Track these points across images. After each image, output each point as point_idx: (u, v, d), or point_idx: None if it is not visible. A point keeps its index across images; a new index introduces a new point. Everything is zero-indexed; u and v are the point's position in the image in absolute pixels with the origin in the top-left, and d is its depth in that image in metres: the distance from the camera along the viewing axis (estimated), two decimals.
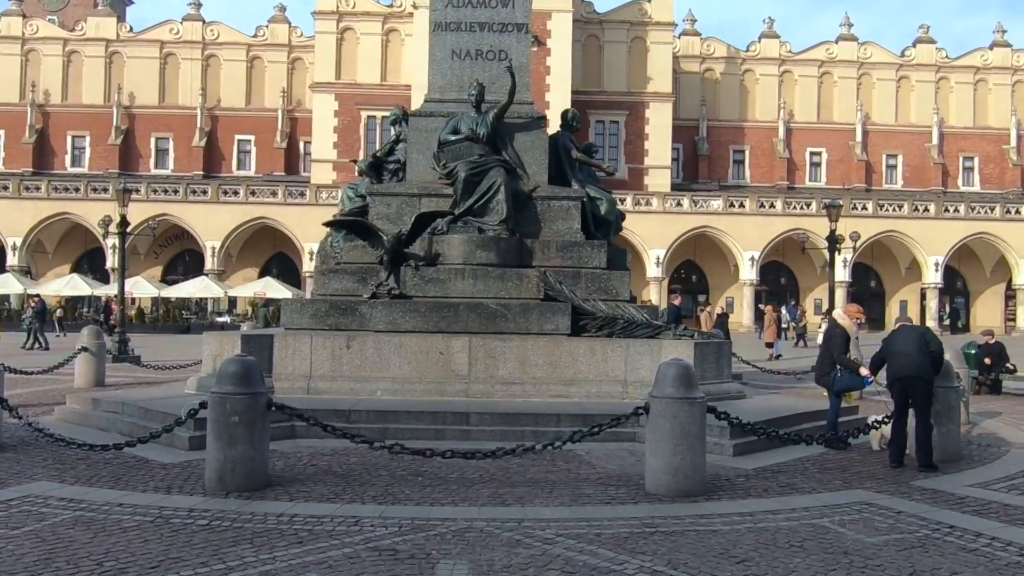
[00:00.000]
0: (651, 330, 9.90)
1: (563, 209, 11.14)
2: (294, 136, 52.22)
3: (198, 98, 51.07)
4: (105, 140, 50.67)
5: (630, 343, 9.68)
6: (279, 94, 51.51)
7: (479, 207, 10.67)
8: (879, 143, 53.59)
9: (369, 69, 49.57)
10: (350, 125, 49.26)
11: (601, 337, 9.89)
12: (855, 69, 53.58)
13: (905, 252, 47.96)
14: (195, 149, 50.88)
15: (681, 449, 6.09)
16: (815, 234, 46.61)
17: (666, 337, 9.83)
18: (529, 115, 11.55)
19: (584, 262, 10.74)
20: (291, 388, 9.36)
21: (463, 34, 11.64)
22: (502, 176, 10.67)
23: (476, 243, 10.40)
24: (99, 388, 13.05)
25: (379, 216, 10.95)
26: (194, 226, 44.70)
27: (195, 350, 13.03)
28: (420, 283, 10.23)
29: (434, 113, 11.46)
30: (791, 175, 53.32)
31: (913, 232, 46.66)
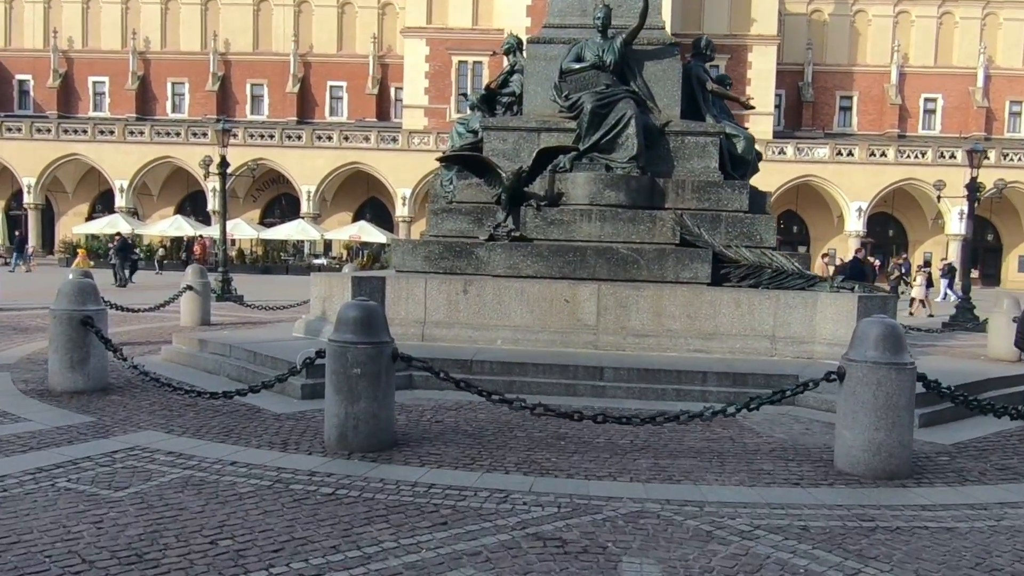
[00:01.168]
0: (804, 281, 8.76)
1: (699, 146, 9.99)
2: (385, 82, 51.67)
3: (291, 45, 50.92)
4: (203, 87, 51.21)
5: (780, 295, 8.57)
6: (370, 40, 50.90)
7: (606, 142, 9.64)
8: (1003, 88, 49.66)
9: (460, 13, 48.35)
10: (441, 70, 48.34)
11: (745, 288, 8.81)
12: (980, 9, 49.51)
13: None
14: (288, 95, 50.92)
15: (885, 424, 5.04)
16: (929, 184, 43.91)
17: (822, 289, 8.68)
18: (661, 41, 10.37)
19: (724, 204, 9.62)
20: (405, 334, 8.64)
21: None
22: (632, 108, 9.59)
23: (604, 182, 9.40)
24: (205, 327, 12.75)
25: (494, 152, 10.04)
26: (290, 170, 44.93)
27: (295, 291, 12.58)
28: (542, 225, 9.31)
29: (554, 40, 10.41)
30: (902, 123, 50.06)
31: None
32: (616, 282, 8.80)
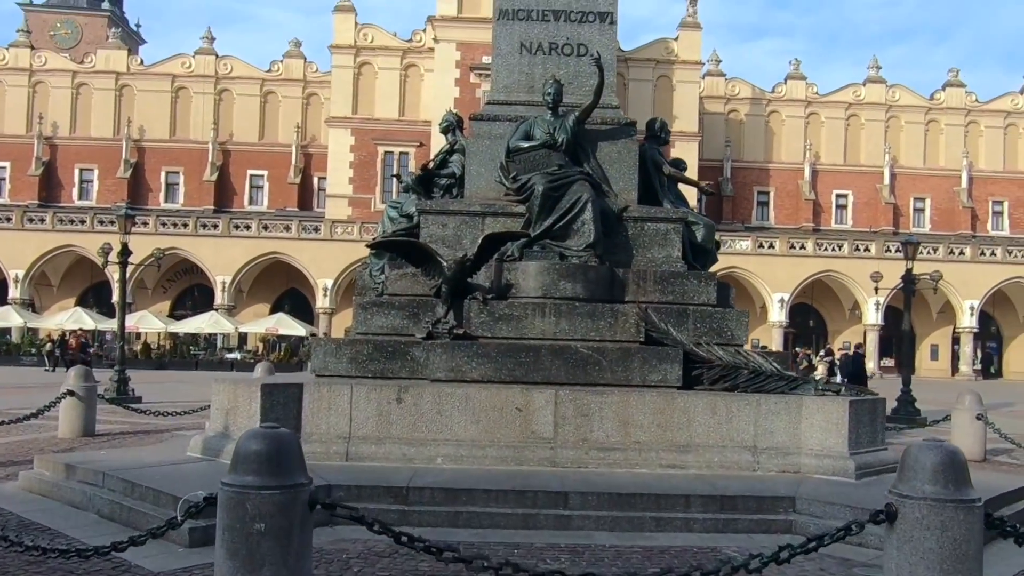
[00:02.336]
0: (785, 383, 7.79)
1: (660, 233, 9.10)
2: (308, 171, 50.66)
3: (210, 132, 49.65)
4: (114, 173, 49.17)
5: (760, 399, 7.56)
6: (293, 129, 50.09)
7: (560, 229, 8.64)
8: (907, 186, 51.99)
9: (387, 104, 48.16)
10: (367, 160, 47.68)
11: (721, 391, 7.77)
12: (883, 112, 52.22)
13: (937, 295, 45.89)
14: (206, 184, 49.30)
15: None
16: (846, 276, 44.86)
17: (806, 392, 7.71)
18: (615, 121, 9.58)
19: (690, 297, 8.67)
20: (325, 453, 7.25)
21: (534, 24, 9.74)
22: (588, 191, 8.66)
23: (558, 272, 8.35)
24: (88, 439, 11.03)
25: (432, 239, 8.92)
26: (204, 260, 42.89)
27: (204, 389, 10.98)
28: (489, 321, 8.15)
29: (499, 117, 9.51)
30: (816, 217, 51.66)
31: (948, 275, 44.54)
32: (576, 386, 7.65)
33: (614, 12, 9.79)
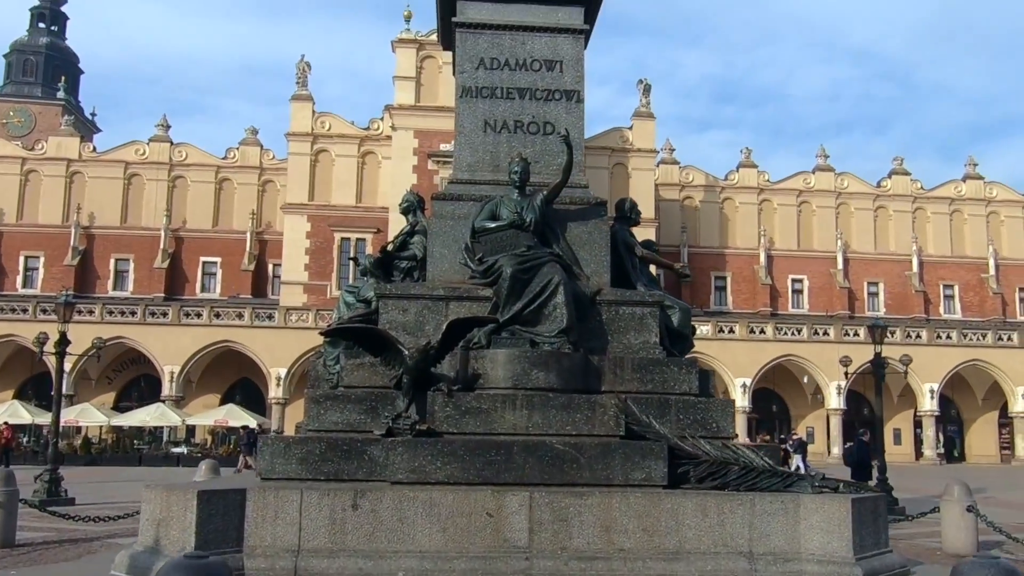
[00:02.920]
0: (779, 479, 7.15)
1: (635, 318, 8.54)
2: (263, 258, 49.91)
3: (162, 219, 48.86)
4: (61, 261, 47.83)
5: (754, 499, 6.90)
6: (248, 216, 49.52)
7: (530, 313, 8.04)
8: (860, 271, 52.95)
9: (344, 191, 48.00)
10: (323, 247, 47.12)
11: (710, 490, 7.10)
12: (833, 198, 53.58)
13: (897, 379, 46.13)
14: (157, 271, 48.17)
15: None
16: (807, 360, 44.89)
17: (802, 489, 7.08)
18: (585, 200, 9.13)
19: (671, 386, 8.06)
20: (271, 569, 6.38)
21: (499, 102, 9.36)
22: (559, 274, 8.12)
23: (530, 360, 7.70)
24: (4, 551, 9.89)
25: (392, 325, 8.25)
26: (152, 350, 41.35)
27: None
28: (455, 415, 7.43)
29: (463, 196, 9.01)
30: (773, 302, 52.15)
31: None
32: (552, 487, 6.92)
33: (581, 90, 9.48)
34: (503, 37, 9.53)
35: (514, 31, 9.54)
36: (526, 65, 9.47)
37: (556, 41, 9.58)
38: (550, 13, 9.61)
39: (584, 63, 9.65)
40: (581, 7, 9.68)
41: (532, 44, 9.54)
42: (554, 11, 9.61)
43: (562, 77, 9.43)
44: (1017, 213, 53.50)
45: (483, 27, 9.53)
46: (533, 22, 9.56)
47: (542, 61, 9.51)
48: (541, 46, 9.55)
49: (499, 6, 9.58)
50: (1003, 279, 52.34)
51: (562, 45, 9.58)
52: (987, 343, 44.76)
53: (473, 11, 9.59)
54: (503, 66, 9.46)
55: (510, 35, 9.54)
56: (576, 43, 9.63)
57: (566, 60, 9.54)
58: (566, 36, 9.60)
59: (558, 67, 9.50)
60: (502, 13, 9.57)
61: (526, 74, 9.46)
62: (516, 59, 9.48)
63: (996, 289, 51.88)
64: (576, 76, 9.48)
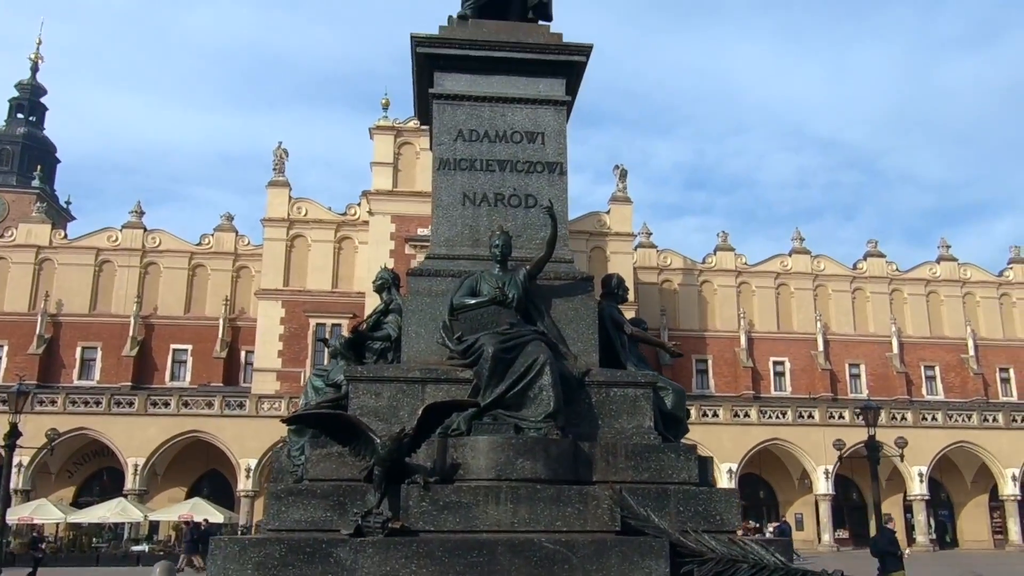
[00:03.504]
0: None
1: (628, 400, 7.92)
2: (235, 345, 48.83)
3: (133, 306, 47.82)
4: (25, 349, 46.37)
5: None
6: (221, 302, 48.67)
7: (514, 396, 7.40)
8: (841, 352, 52.78)
9: (319, 276, 47.44)
10: (297, 333, 46.23)
11: None
12: (810, 281, 53.76)
13: (885, 462, 45.28)
14: (125, 359, 46.84)
15: None
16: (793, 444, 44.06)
17: None
18: (570, 276, 8.62)
19: (668, 475, 7.39)
20: None
21: (478, 174, 8.95)
22: (545, 353, 7.52)
23: (514, 448, 7.02)
24: None
25: (364, 411, 7.57)
26: (115, 441, 39.72)
27: None
28: (431, 510, 6.69)
29: (441, 272, 8.47)
30: (756, 384, 51.66)
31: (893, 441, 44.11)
32: None
33: (564, 162, 9.10)
34: (482, 109, 9.20)
35: (494, 103, 9.22)
36: (506, 137, 9.11)
37: (537, 113, 9.26)
38: (530, 85, 9.32)
39: (566, 135, 9.32)
40: (562, 79, 9.41)
41: (512, 116, 9.21)
42: (535, 82, 9.33)
43: (544, 149, 9.07)
44: (991, 294, 53.89)
45: (461, 98, 9.20)
46: (513, 94, 9.26)
47: (523, 133, 9.16)
48: (522, 118, 9.22)
49: (478, 78, 9.28)
50: (983, 359, 52.32)
51: (543, 116, 9.26)
52: (973, 424, 44.25)
53: (451, 83, 9.28)
54: (482, 138, 9.09)
55: (490, 107, 9.21)
56: (558, 114, 9.31)
57: (548, 132, 9.20)
58: (547, 107, 9.30)
59: (540, 139, 9.15)
60: (481, 85, 9.27)
61: (506, 146, 9.09)
62: (496, 131, 9.13)
63: (977, 370, 51.78)
64: (558, 148, 9.12)
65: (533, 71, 9.30)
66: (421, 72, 9.38)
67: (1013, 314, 53.72)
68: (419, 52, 9.14)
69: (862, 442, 38.77)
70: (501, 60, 9.22)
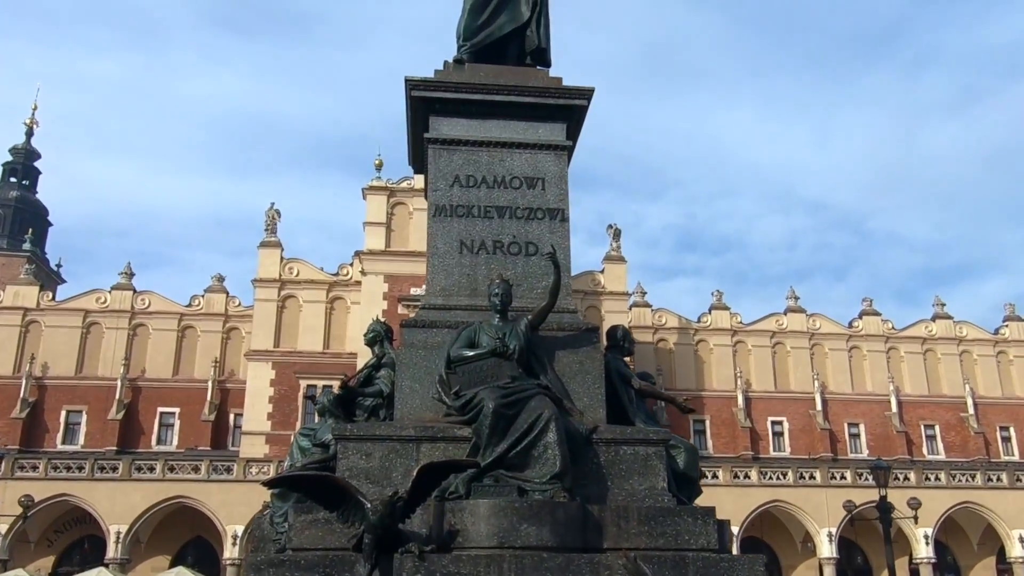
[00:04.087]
0: None
1: (639, 459, 7.37)
2: (224, 408, 47.85)
3: (120, 368, 46.94)
4: (8, 414, 45.28)
5: None
6: (211, 364, 47.85)
7: (516, 456, 6.85)
8: (839, 411, 52.07)
9: (311, 337, 46.79)
10: (287, 395, 45.35)
11: None
12: (807, 339, 53.34)
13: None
14: (111, 423, 45.73)
15: None
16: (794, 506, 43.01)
17: None
18: (575, 327, 8.15)
19: (685, 541, 6.79)
20: None
21: (476, 221, 8.54)
22: (550, 408, 7.00)
23: (519, 512, 6.43)
24: None
25: (353, 473, 7.00)
26: (98, 507, 38.40)
27: None
28: None
29: (436, 323, 7.99)
30: (754, 445, 50.75)
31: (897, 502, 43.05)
32: None
33: (565, 209, 8.71)
34: (480, 154, 8.85)
35: (492, 147, 8.88)
36: (505, 183, 8.74)
37: (537, 158, 8.91)
38: (530, 130, 8.99)
39: (567, 181, 8.95)
40: (563, 123, 9.09)
41: (511, 161, 8.85)
42: (534, 127, 9.00)
43: (544, 195, 8.69)
44: (988, 352, 53.49)
45: (458, 143, 8.86)
46: (512, 138, 8.92)
47: (522, 178, 8.80)
48: (521, 163, 8.86)
49: (475, 122, 8.95)
50: (983, 418, 51.62)
51: (543, 162, 8.91)
52: (977, 484, 43.33)
53: (447, 127, 8.94)
54: (480, 183, 8.71)
55: (487, 152, 8.86)
56: (559, 160, 8.96)
57: (548, 177, 8.84)
58: (547, 153, 8.95)
59: (540, 184, 8.77)
60: (478, 130, 8.93)
61: (505, 192, 8.70)
62: (494, 176, 8.76)
63: (977, 428, 51.03)
64: (559, 194, 8.74)
65: (532, 115, 8.99)
66: (416, 116, 9.05)
67: (1011, 372, 53.24)
68: (414, 95, 8.82)
69: (870, 503, 38.02)
70: (499, 104, 8.91)
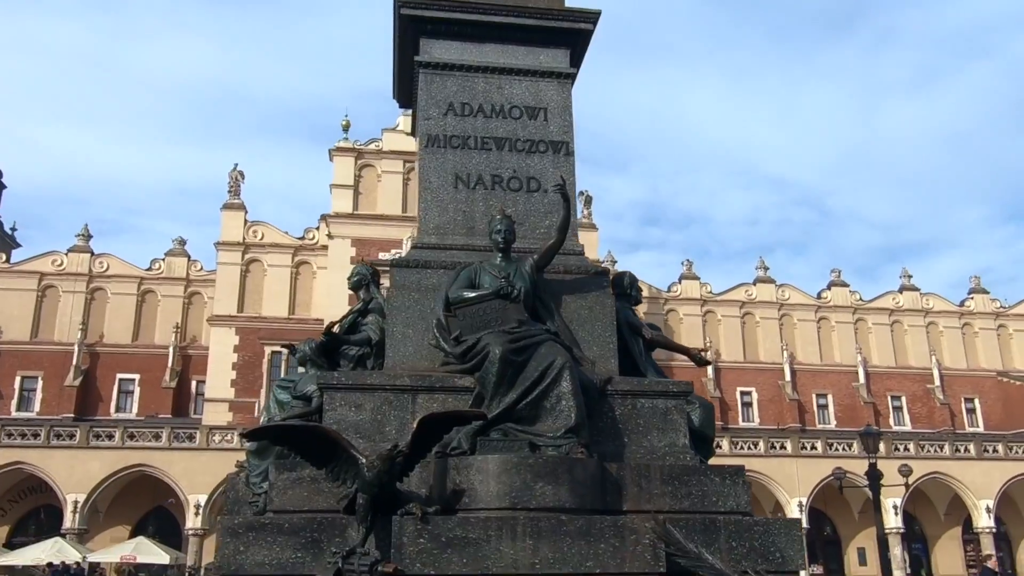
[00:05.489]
0: None
1: (658, 413, 6.65)
2: (186, 375, 46.57)
3: (77, 333, 45.35)
4: None
5: None
6: (172, 330, 46.44)
7: (526, 407, 6.09)
8: (808, 382, 52.28)
9: (276, 303, 45.55)
10: (251, 361, 44.18)
11: None
12: (776, 310, 53.36)
13: (857, 494, 44.47)
14: (68, 389, 44.24)
15: None
16: (765, 476, 43.04)
17: None
18: (582, 269, 7.38)
19: (714, 503, 6.11)
20: None
21: (472, 153, 7.71)
22: (563, 355, 6.24)
23: (532, 470, 5.68)
24: None
25: (342, 426, 6.18)
26: (54, 476, 37.06)
27: None
28: (431, 548, 5.32)
29: (431, 263, 7.17)
30: (724, 415, 50.70)
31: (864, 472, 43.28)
32: None
33: (570, 142, 7.90)
34: (475, 80, 8.00)
35: (489, 73, 8.03)
36: (504, 112, 7.90)
37: (539, 86, 8.08)
38: (530, 55, 8.15)
39: (572, 111, 8.13)
40: (566, 49, 8.26)
41: (511, 89, 8.02)
42: (535, 52, 8.16)
43: (547, 126, 7.87)
44: (954, 324, 53.95)
45: (452, 68, 7.99)
46: (511, 64, 8.08)
47: (523, 108, 7.97)
48: (521, 91, 8.03)
49: (471, 46, 8.08)
50: (948, 390, 52.15)
51: (545, 90, 8.08)
52: (945, 455, 43.72)
53: (440, 50, 8.06)
54: (476, 112, 7.87)
55: (484, 78, 8.01)
56: (562, 88, 8.15)
57: (551, 107, 8.02)
58: (550, 80, 8.12)
59: (542, 115, 7.96)
60: (474, 53, 8.07)
61: (504, 122, 7.87)
62: (492, 105, 7.93)
63: (943, 400, 51.55)
64: (563, 125, 7.93)
65: (534, 39, 8.14)
66: (404, 39, 8.16)
67: (976, 344, 53.80)
68: (403, 14, 7.92)
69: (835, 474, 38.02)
70: (497, 26, 8.05)
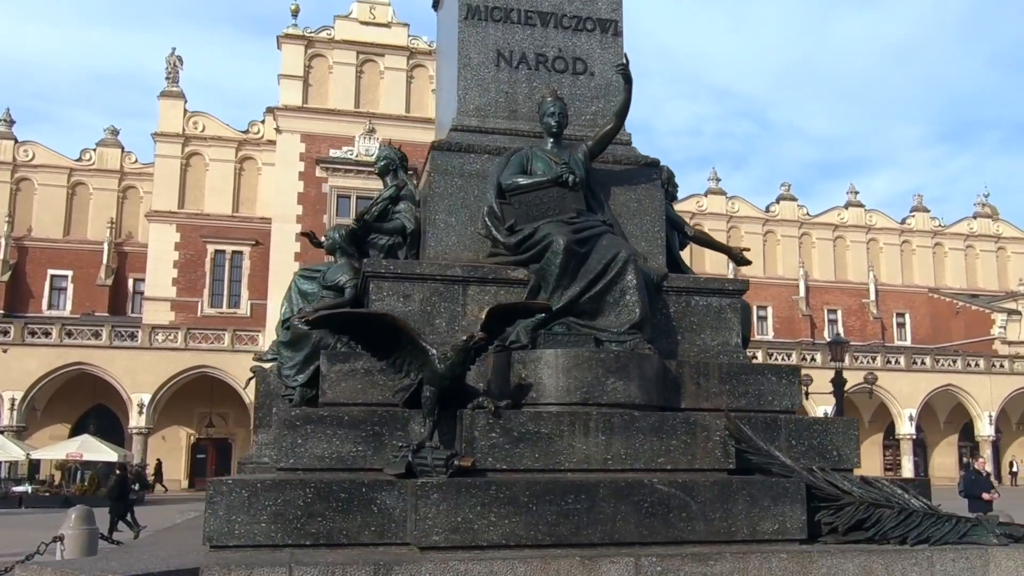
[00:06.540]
0: (952, 528, 5.18)
1: (712, 311, 6.45)
2: (122, 272, 45.00)
3: (4, 226, 43.18)
4: None
5: (932, 556, 4.92)
6: (106, 225, 44.56)
7: (588, 301, 5.80)
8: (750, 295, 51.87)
9: (219, 199, 43.93)
10: (193, 260, 42.83)
11: (864, 545, 5.06)
12: (725, 222, 53.93)
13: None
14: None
15: None
16: None
17: (984, 540, 5.13)
18: (631, 159, 7.00)
19: (770, 402, 5.99)
20: None
21: (515, 28, 7.14)
22: (625, 248, 5.94)
23: (603, 365, 5.43)
24: None
25: None
26: None
27: None
28: (504, 443, 5.07)
29: (474, 147, 6.68)
30: None
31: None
32: (657, 546, 4.70)
33: (619, 20, 7.37)
34: None
35: None
36: None
37: None
38: None
39: None
40: None
41: None
42: None
43: (595, 3, 7.32)
44: (894, 241, 55.52)
45: None
46: None
47: None
48: None
49: None
50: (882, 304, 54.05)
51: None
52: (877, 366, 45.59)
53: None
54: None
55: None
56: None
57: None
58: None
59: None
60: None
61: None
62: None
63: (876, 314, 53.48)
64: (612, 2, 7.39)
65: None
66: None
67: (912, 261, 55.61)
68: None
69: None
70: None
